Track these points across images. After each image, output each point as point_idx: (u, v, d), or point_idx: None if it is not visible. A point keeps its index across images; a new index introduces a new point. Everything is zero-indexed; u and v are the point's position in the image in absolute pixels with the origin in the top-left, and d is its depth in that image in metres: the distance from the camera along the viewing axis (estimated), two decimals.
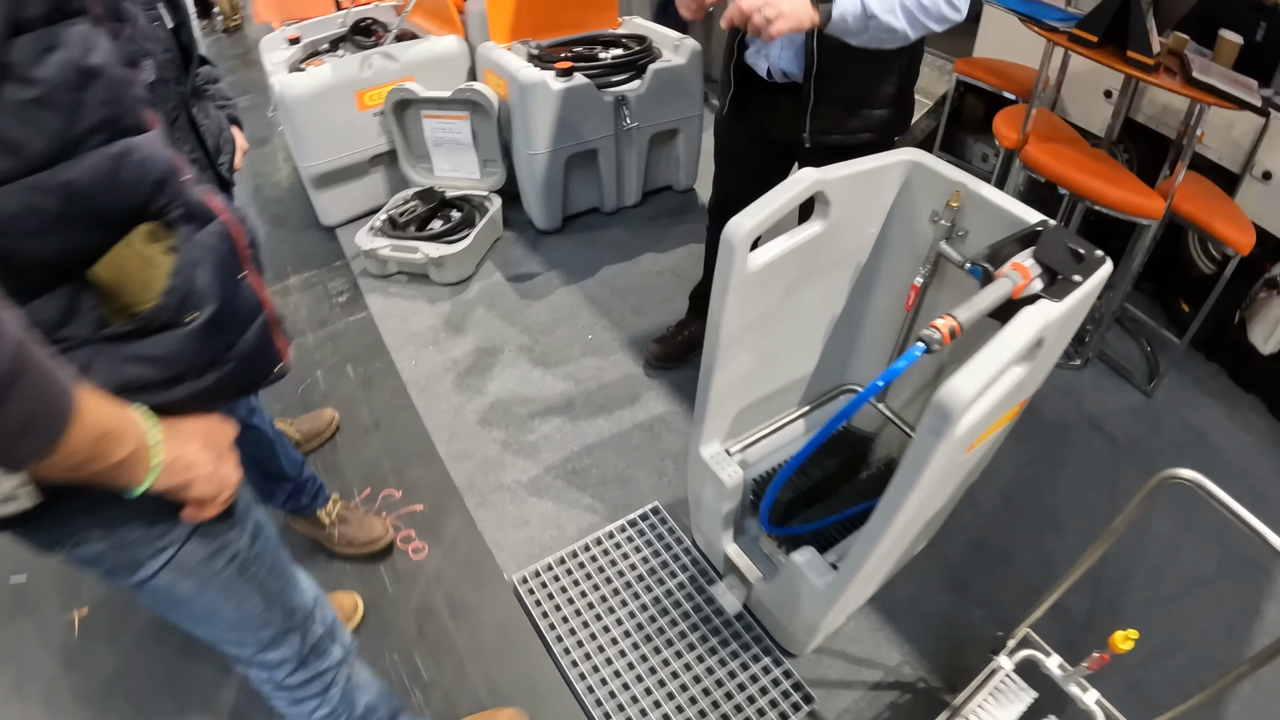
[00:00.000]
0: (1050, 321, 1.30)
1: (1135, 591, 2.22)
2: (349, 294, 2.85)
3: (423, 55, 2.91)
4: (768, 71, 1.95)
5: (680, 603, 1.99)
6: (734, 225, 1.46)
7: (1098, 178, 2.34)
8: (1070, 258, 1.44)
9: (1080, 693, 1.69)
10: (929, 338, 1.26)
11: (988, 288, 1.36)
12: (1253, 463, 2.62)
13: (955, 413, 1.17)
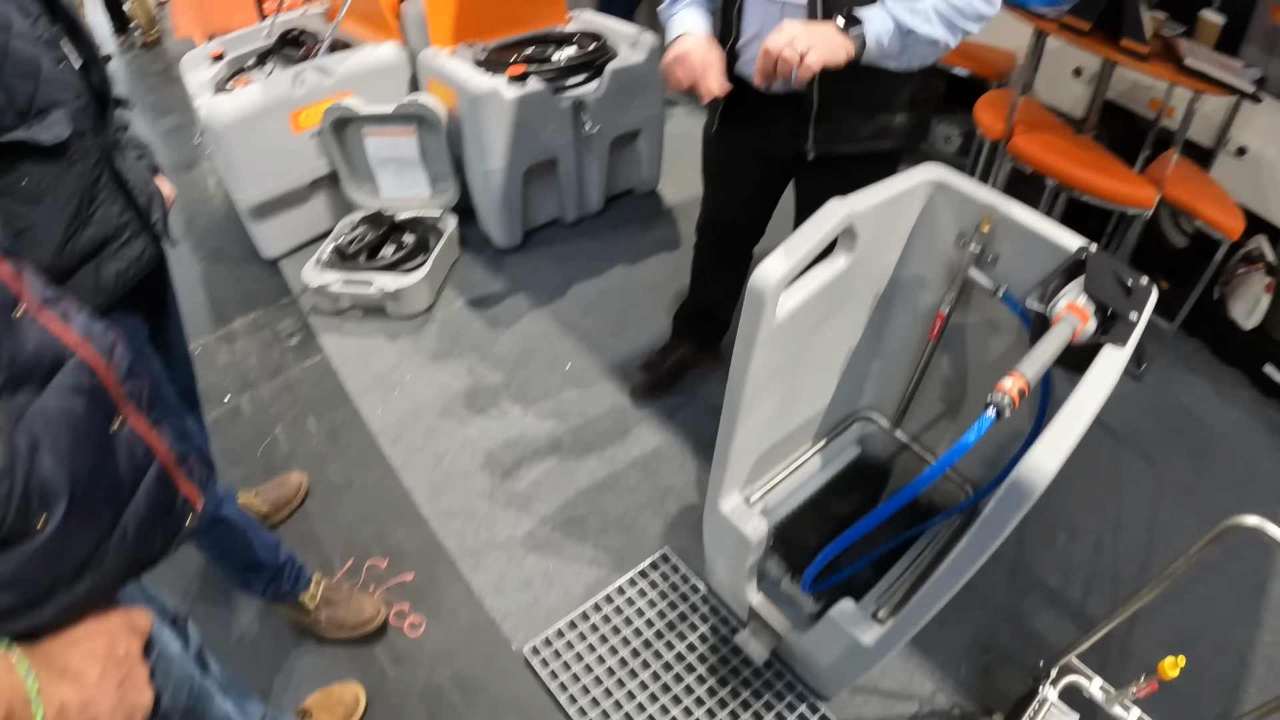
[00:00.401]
0: (1119, 373, 1.27)
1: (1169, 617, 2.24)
2: (300, 335, 2.63)
3: (359, 67, 2.69)
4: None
5: (705, 656, 1.91)
6: (764, 276, 1.34)
7: (1088, 168, 2.31)
8: (1120, 289, 1.38)
9: (1124, 713, 1.69)
10: (1000, 403, 1.18)
11: (1048, 336, 1.29)
12: (1244, 439, 2.69)
13: (1039, 489, 1.12)
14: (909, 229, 1.68)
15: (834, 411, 1.96)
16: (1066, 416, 1.17)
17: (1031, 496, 1.12)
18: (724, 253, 2.30)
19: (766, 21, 1.68)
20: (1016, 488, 1.13)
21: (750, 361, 1.46)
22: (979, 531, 1.24)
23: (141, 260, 1.30)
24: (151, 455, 0.76)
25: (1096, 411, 1.19)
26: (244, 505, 2.00)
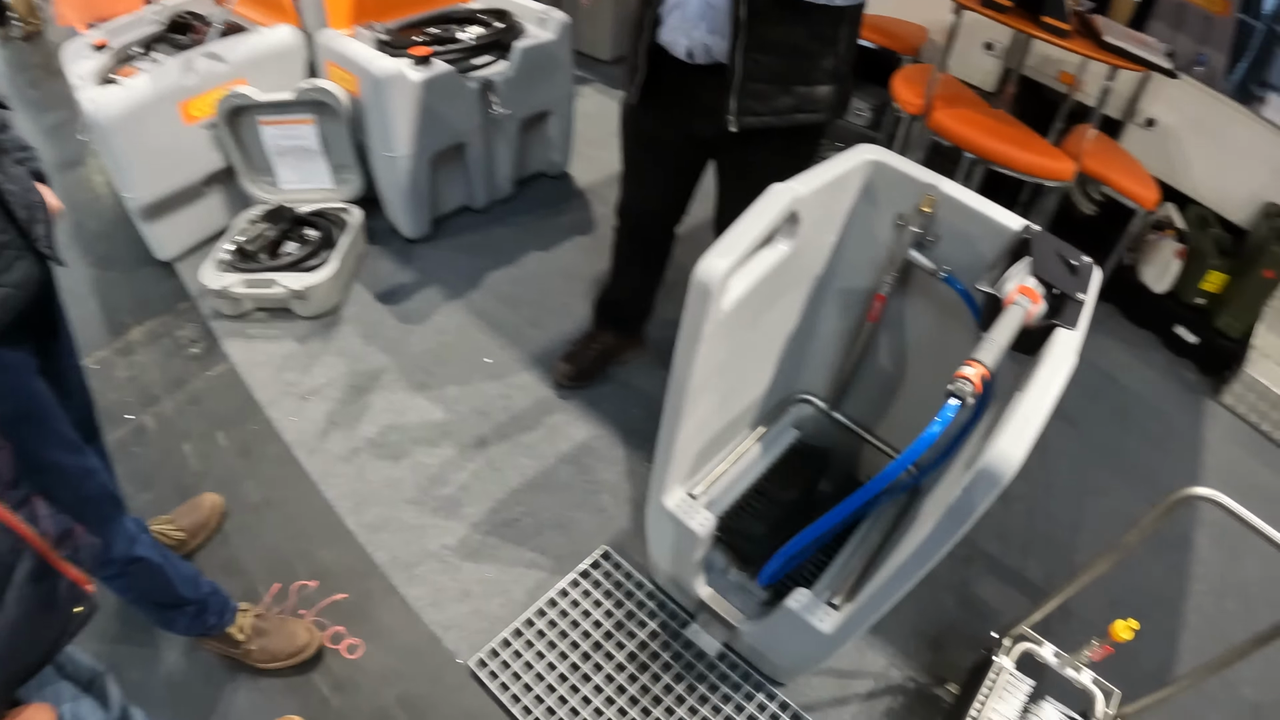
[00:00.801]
0: (1075, 354, 1.30)
1: (1080, 548, 2.36)
2: (203, 342, 2.47)
3: (254, 51, 2.52)
4: (688, 52, 1.74)
5: (657, 653, 1.91)
6: (709, 270, 1.32)
7: (1008, 142, 2.38)
8: (1065, 269, 1.42)
9: (1075, 674, 1.78)
10: (962, 391, 1.20)
11: (1003, 320, 1.32)
12: (1160, 398, 2.86)
13: (1006, 477, 1.14)
14: (847, 211, 1.68)
15: (771, 396, 1.97)
16: (1029, 404, 1.19)
17: (1000, 484, 1.14)
18: (645, 237, 2.28)
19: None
20: (985, 476, 1.14)
21: (695, 357, 1.45)
22: (947, 520, 1.25)
23: (25, 286, 1.16)
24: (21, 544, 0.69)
25: (1058, 397, 1.22)
26: (157, 534, 1.87)
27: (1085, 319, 1.39)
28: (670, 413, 1.56)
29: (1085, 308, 1.39)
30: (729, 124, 1.75)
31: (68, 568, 0.76)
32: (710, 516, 1.71)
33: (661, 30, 1.76)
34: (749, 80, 1.70)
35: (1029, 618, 1.79)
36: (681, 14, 1.70)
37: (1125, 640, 1.57)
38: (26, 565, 0.69)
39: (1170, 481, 2.60)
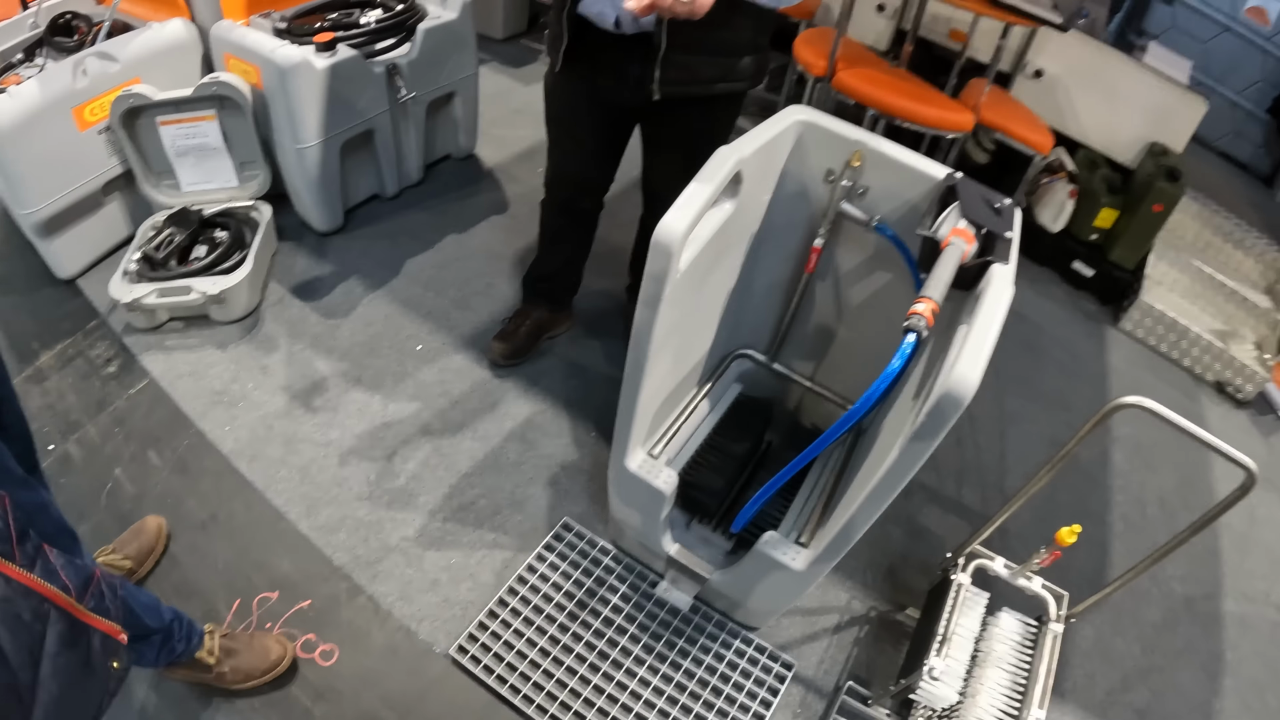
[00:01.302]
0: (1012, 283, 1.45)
1: (1010, 472, 2.59)
2: (118, 360, 2.39)
3: (146, 49, 2.44)
4: (616, 22, 1.77)
5: (632, 614, 2.00)
6: (668, 232, 1.41)
7: (910, 98, 2.56)
8: (990, 211, 1.58)
9: (1027, 583, 1.97)
10: (916, 326, 1.32)
11: (944, 260, 1.46)
12: (1064, 328, 3.14)
13: (966, 399, 1.27)
14: (778, 171, 1.81)
15: (715, 353, 2.10)
16: (978, 331, 1.33)
17: (961, 406, 1.27)
18: (573, 209, 2.35)
19: None
20: (949, 399, 1.27)
21: (657, 318, 1.53)
22: (913, 444, 1.38)
23: None
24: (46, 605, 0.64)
25: (1002, 322, 1.37)
26: (105, 564, 1.82)
27: (1014, 254, 1.55)
28: (631, 376, 1.64)
29: (1013, 244, 1.56)
30: (653, 93, 1.83)
31: (98, 620, 0.70)
32: (673, 474, 1.81)
33: (582, 2, 1.80)
34: (673, 51, 1.77)
35: (980, 535, 1.97)
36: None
37: (1069, 544, 1.73)
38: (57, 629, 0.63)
39: (1081, 404, 2.88)
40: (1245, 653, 2.36)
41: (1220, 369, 3.13)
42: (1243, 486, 1.56)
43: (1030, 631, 1.94)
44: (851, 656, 2.05)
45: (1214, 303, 3.29)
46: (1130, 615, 2.35)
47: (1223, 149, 4.58)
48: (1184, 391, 3.14)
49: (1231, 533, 2.70)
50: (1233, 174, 4.53)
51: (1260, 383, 3.09)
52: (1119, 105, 3.16)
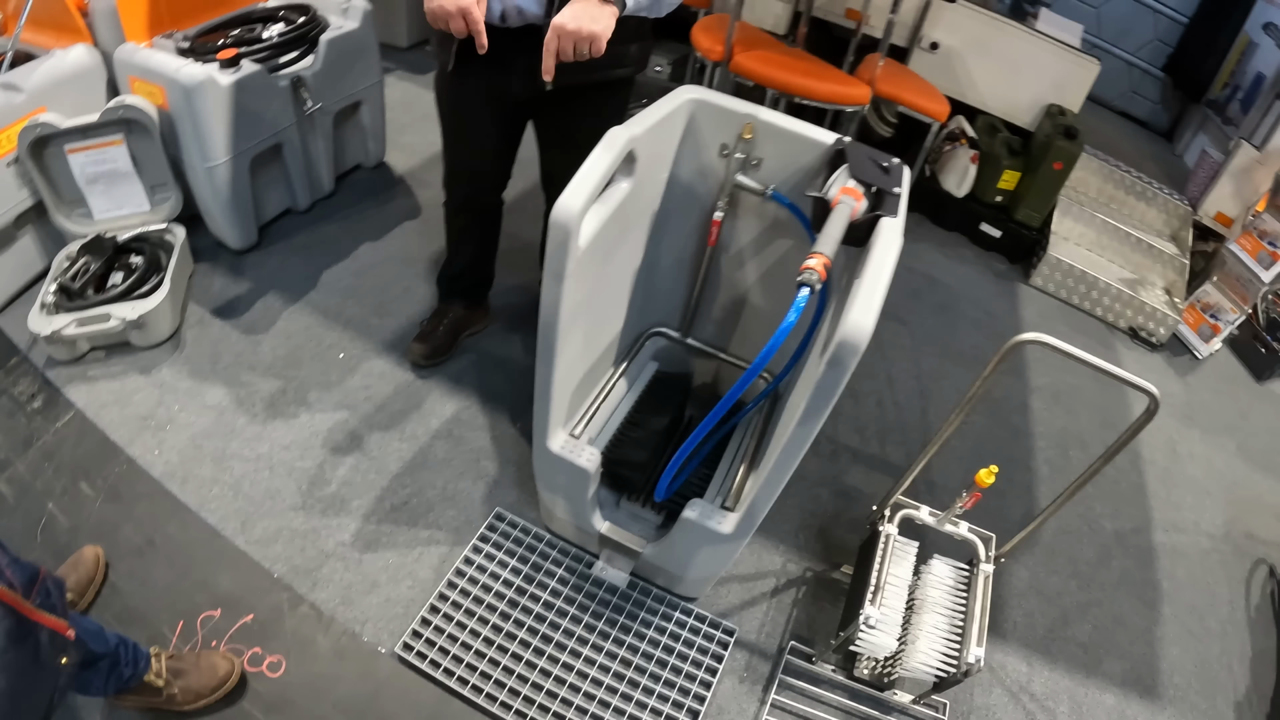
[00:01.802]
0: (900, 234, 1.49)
1: (931, 426, 2.64)
2: (42, 394, 2.33)
3: (50, 77, 2.38)
4: (501, 15, 1.77)
5: (571, 597, 2.01)
6: (565, 209, 1.42)
7: (807, 76, 2.60)
8: (879, 170, 1.61)
9: (954, 529, 2.01)
10: (809, 280, 1.35)
11: (833, 217, 1.49)
12: (976, 289, 3.21)
13: (862, 345, 1.29)
14: (675, 147, 1.83)
15: (628, 333, 2.12)
16: (869, 279, 1.35)
17: (857, 351, 1.30)
18: (474, 205, 2.35)
19: None
20: (845, 345, 1.29)
21: (561, 295, 1.54)
22: (816, 396, 1.40)
23: None
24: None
25: (893, 270, 1.40)
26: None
27: (903, 207, 1.59)
28: (543, 356, 1.64)
29: (902, 197, 1.59)
30: (545, 84, 1.78)
31: (44, 616, 0.70)
32: (595, 452, 1.82)
33: None
34: None
35: (901, 485, 2.01)
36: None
37: (989, 484, 1.77)
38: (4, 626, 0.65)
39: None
40: (1180, 580, 2.45)
41: (1132, 315, 3.22)
42: (1147, 411, 1.62)
43: (963, 575, 1.98)
44: (792, 618, 2.08)
45: (1121, 253, 3.39)
46: (1064, 554, 2.41)
47: (1122, 108, 4.70)
48: (1099, 340, 3.23)
49: (1155, 468, 2.79)
50: (1134, 131, 4.66)
51: (1172, 325, 3.19)
52: (1014, 71, 3.25)
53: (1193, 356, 3.30)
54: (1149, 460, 2.82)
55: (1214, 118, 4.10)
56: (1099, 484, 2.64)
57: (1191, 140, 4.26)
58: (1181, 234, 3.48)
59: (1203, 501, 2.74)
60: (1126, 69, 4.59)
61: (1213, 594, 2.45)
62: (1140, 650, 2.23)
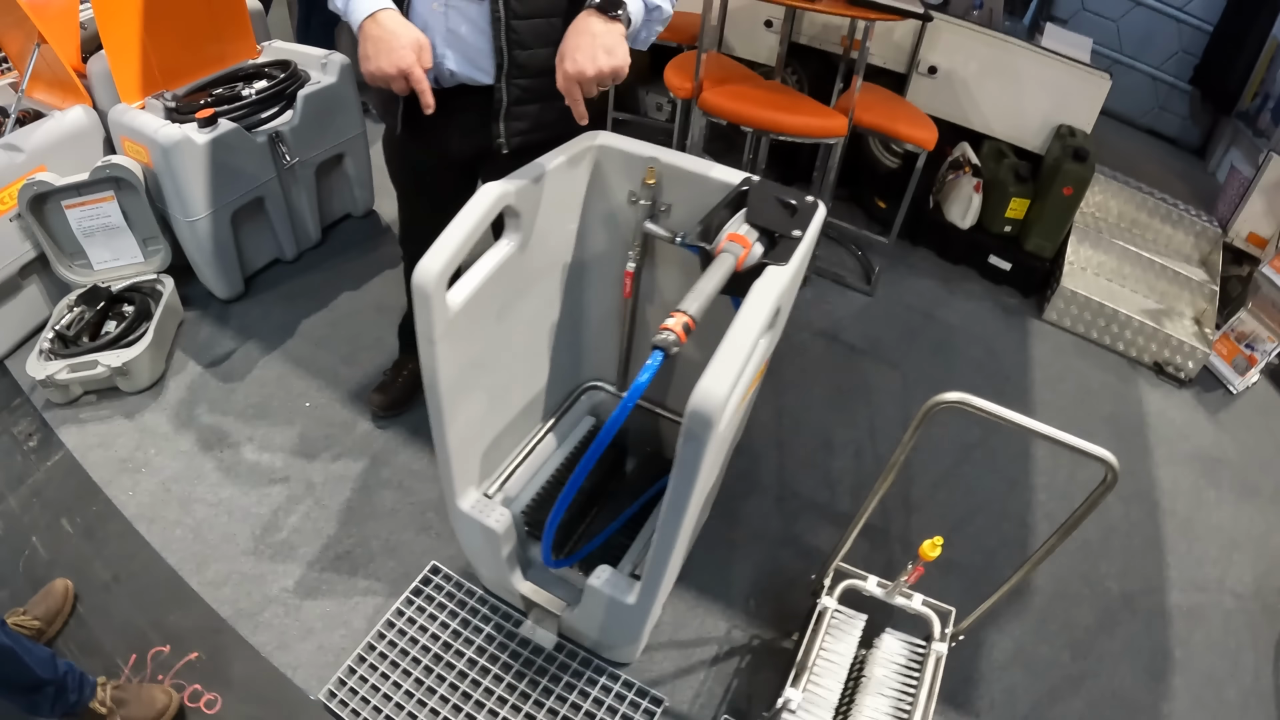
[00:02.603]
0: (783, 289, 1.31)
1: (915, 481, 2.40)
2: (38, 435, 2.42)
3: (49, 137, 2.48)
4: (435, 79, 1.69)
5: (496, 655, 1.90)
6: (422, 272, 1.33)
7: (778, 110, 2.42)
8: (783, 211, 1.45)
9: (906, 601, 1.79)
10: (665, 342, 1.21)
11: (710, 269, 1.34)
12: (981, 324, 2.92)
13: (715, 416, 1.14)
14: (581, 196, 1.70)
15: (557, 388, 1.98)
16: (729, 343, 1.19)
17: (710, 424, 1.14)
18: None
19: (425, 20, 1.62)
20: (694, 418, 1.14)
21: (435, 359, 1.44)
22: (678, 472, 1.26)
23: None
24: None
25: (760, 332, 1.22)
26: (15, 625, 1.84)
27: (800, 253, 1.41)
28: (434, 417, 1.55)
29: (801, 243, 1.41)
30: (501, 147, 1.75)
31: None
32: (506, 513, 1.71)
33: None
34: (515, 105, 1.70)
35: (839, 552, 1.80)
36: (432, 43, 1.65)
37: (933, 557, 1.57)
38: None
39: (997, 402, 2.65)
40: (1196, 647, 2.13)
41: (1157, 349, 2.87)
42: (1104, 483, 1.37)
43: (918, 653, 1.76)
44: (731, 688, 1.90)
45: (1144, 281, 3.03)
46: (1058, 620, 2.13)
47: (1149, 126, 4.24)
48: (1119, 376, 2.89)
49: (1175, 520, 2.46)
50: (1163, 150, 4.19)
51: (1201, 358, 2.83)
52: (1019, 92, 2.95)
53: (1226, 391, 2.90)
54: (1168, 510, 2.48)
55: (1245, 130, 3.65)
56: (1106, 540, 2.35)
57: (1224, 156, 3.81)
58: (1212, 258, 3.08)
59: (1229, 555, 2.38)
60: (1152, 84, 4.14)
61: (1235, 661, 2.11)
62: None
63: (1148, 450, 2.64)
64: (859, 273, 3.10)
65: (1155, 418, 2.76)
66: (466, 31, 1.62)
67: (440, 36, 1.63)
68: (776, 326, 1.49)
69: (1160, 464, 2.60)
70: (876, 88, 2.78)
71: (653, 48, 1.79)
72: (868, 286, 2.99)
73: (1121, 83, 3.91)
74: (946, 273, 3.15)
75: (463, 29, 1.62)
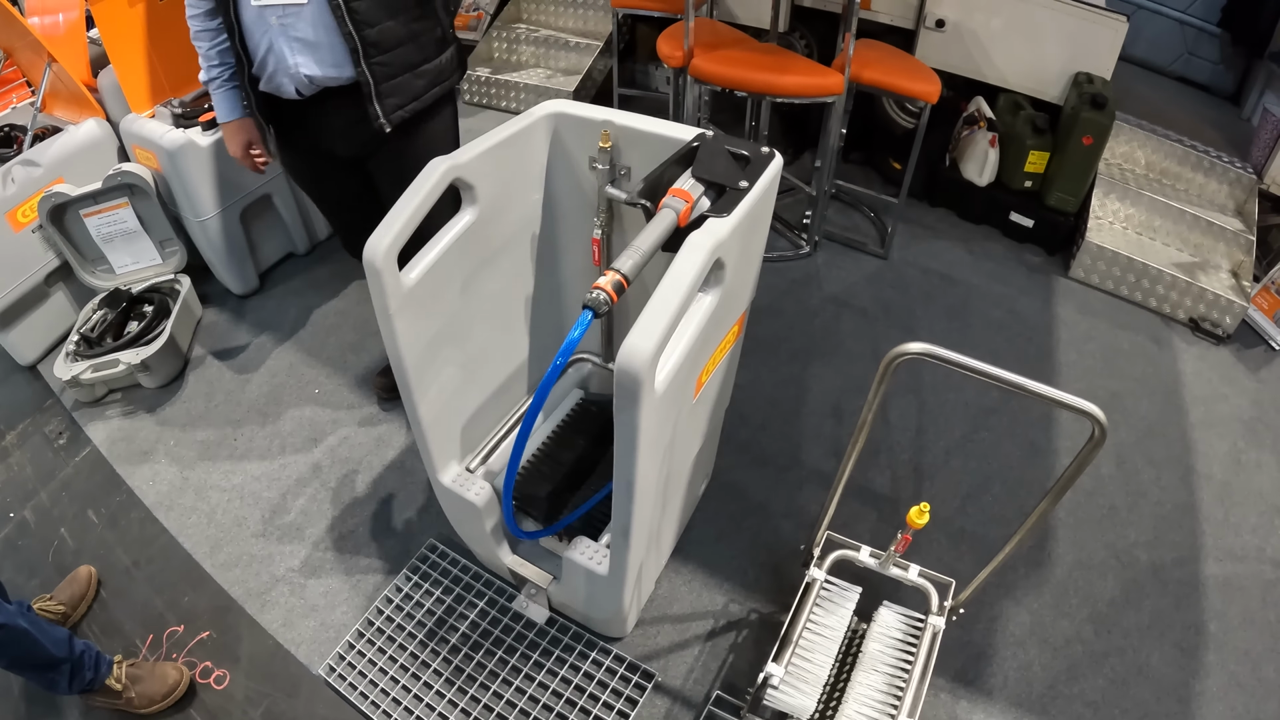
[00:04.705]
0: (722, 240, 1.25)
1: (928, 448, 2.29)
2: (68, 432, 2.53)
3: (65, 150, 2.57)
4: (296, 90, 1.76)
5: (489, 630, 1.90)
6: (371, 249, 1.32)
7: (771, 71, 2.34)
8: (734, 165, 1.39)
9: (902, 573, 1.71)
10: (595, 301, 1.19)
11: (650, 225, 1.30)
12: (1002, 284, 2.78)
13: (642, 373, 1.10)
14: (543, 166, 1.67)
15: (541, 362, 1.95)
16: (659, 295, 1.14)
17: (637, 381, 1.10)
18: None
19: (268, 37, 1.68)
20: (622, 375, 1.11)
21: (394, 333, 1.44)
22: (618, 434, 1.23)
23: None
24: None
25: (693, 285, 1.17)
26: (41, 610, 1.94)
27: (748, 203, 1.34)
28: (403, 390, 1.55)
29: (749, 194, 1.35)
30: (383, 127, 1.79)
31: None
32: (487, 486, 1.70)
33: (263, 82, 1.78)
34: (381, 83, 1.74)
35: (824, 522, 1.73)
36: (276, 60, 1.71)
37: (921, 524, 1.50)
38: None
39: (1018, 363, 2.50)
40: (1232, 621, 1.96)
41: (1192, 304, 2.68)
42: (1091, 440, 1.26)
43: (915, 627, 1.68)
44: (726, 664, 1.85)
45: (1176, 234, 2.83)
46: (1081, 593, 2.00)
47: (1180, 73, 3.92)
48: (1151, 335, 2.70)
49: (1212, 484, 2.29)
50: (1195, 97, 3.87)
51: (1240, 313, 2.62)
52: (1032, 40, 2.78)
53: (1269, 348, 2.68)
54: (1203, 475, 2.30)
55: (1278, 72, 3.35)
56: (1134, 507, 2.20)
57: (1259, 101, 3.49)
58: (1247, 207, 2.85)
59: (1271, 521, 2.19)
60: (1179, 29, 3.82)
61: (1275, 635, 1.93)
62: (1170, 709, 1.78)
63: (1182, 411, 2.46)
64: (874, 237, 2.98)
65: (1190, 377, 2.57)
66: (311, 33, 1.66)
67: (288, 46, 1.68)
68: (737, 282, 1.43)
69: (1195, 426, 2.43)
70: (879, 44, 2.67)
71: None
72: (882, 250, 2.87)
73: (1147, 29, 3.70)
74: (967, 233, 3.00)
75: (307, 32, 1.66)
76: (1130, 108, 3.00)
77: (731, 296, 1.44)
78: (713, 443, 1.98)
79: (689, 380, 1.42)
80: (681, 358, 1.26)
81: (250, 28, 1.68)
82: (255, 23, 1.67)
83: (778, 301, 2.75)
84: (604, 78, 3.75)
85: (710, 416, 1.78)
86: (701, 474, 2.03)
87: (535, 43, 3.87)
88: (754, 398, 2.40)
